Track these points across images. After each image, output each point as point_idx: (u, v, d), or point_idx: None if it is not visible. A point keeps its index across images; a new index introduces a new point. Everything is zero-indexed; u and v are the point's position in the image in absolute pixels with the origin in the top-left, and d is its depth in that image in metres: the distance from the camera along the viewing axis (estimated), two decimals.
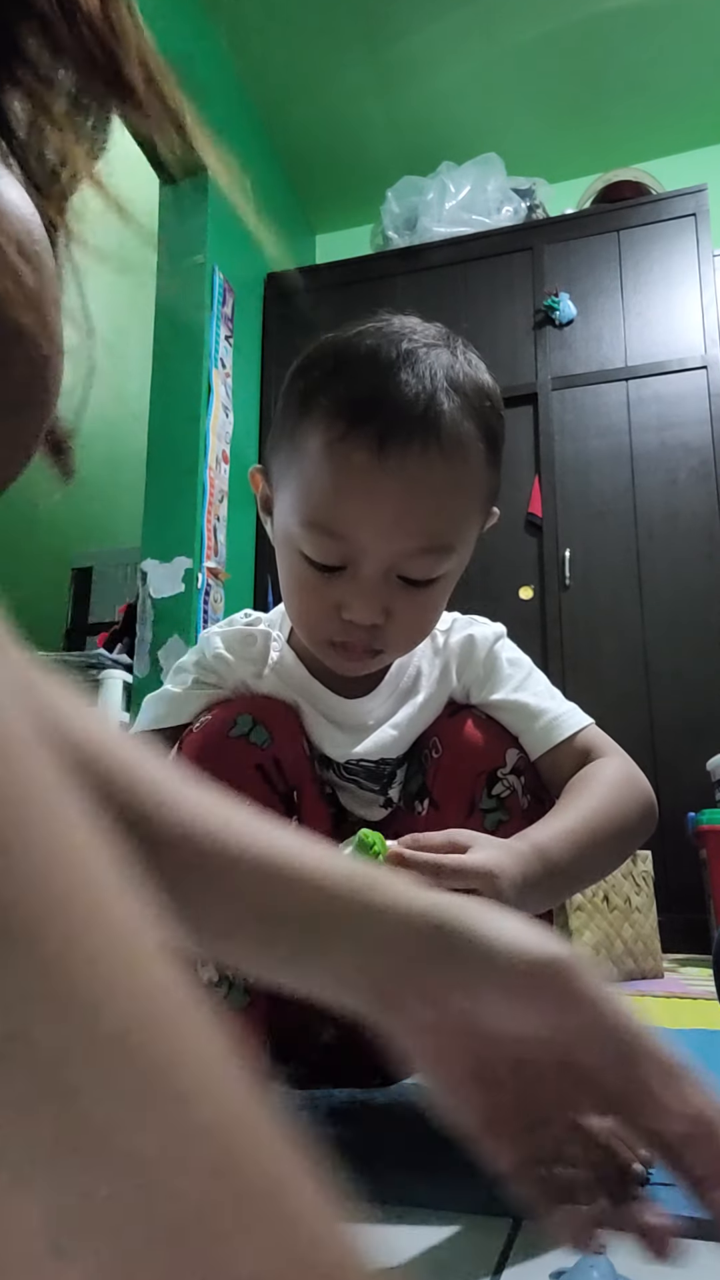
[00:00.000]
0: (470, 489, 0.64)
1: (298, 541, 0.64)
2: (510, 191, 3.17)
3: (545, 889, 0.58)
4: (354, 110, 3.25)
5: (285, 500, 0.66)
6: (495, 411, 0.66)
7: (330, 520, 0.62)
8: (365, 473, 0.60)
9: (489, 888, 0.53)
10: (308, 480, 0.63)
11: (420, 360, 0.62)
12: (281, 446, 0.67)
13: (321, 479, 0.62)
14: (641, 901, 2.03)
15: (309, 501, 0.63)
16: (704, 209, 2.85)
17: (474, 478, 0.64)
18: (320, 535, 0.62)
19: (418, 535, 0.62)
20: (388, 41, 2.98)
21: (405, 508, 0.61)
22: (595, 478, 2.78)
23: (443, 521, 0.63)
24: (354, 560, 0.63)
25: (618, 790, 0.67)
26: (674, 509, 2.68)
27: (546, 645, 2.67)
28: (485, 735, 0.73)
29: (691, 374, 2.74)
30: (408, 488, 0.60)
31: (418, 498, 0.61)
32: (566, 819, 0.64)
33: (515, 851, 0.57)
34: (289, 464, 0.65)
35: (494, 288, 3.03)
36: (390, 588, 0.64)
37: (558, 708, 0.73)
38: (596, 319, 2.90)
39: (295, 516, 0.64)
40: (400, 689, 0.76)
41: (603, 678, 2.62)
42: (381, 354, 0.62)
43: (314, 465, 0.62)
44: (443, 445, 0.61)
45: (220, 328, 2.83)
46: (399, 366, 0.61)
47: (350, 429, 0.60)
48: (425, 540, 0.62)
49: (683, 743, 2.47)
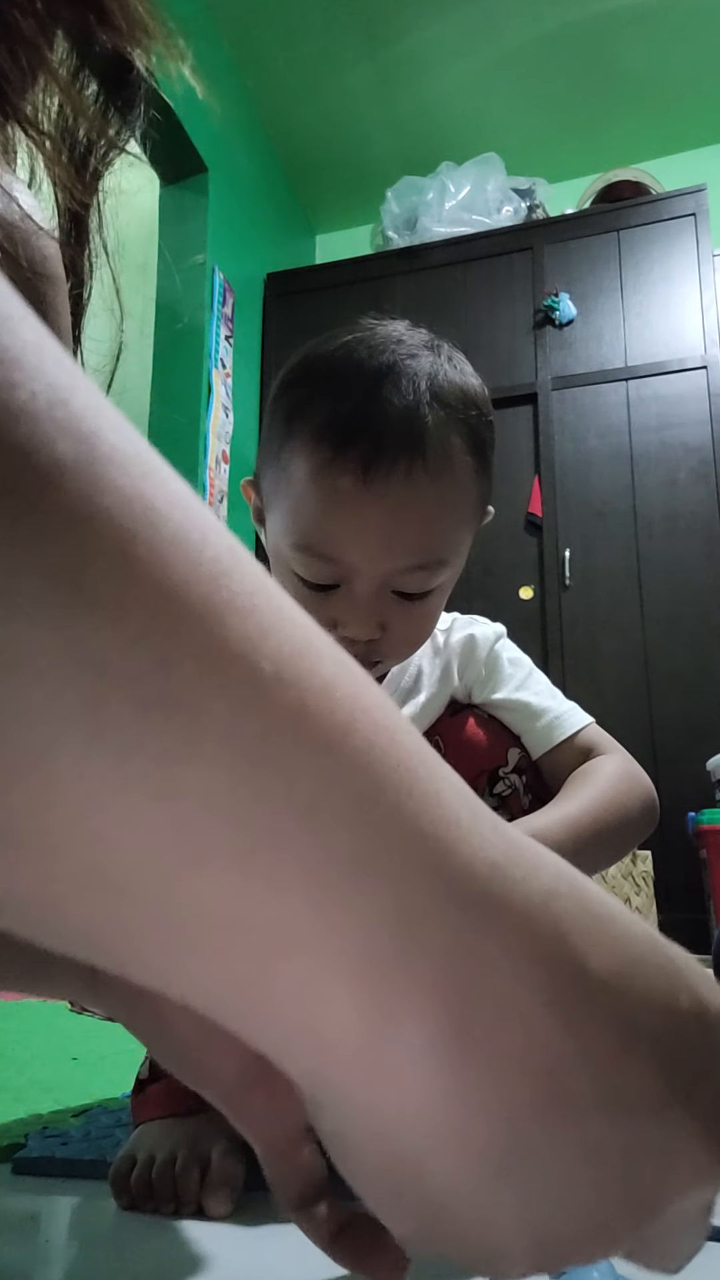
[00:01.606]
0: (459, 503, 0.64)
1: (290, 562, 0.64)
2: (510, 191, 3.17)
3: None
4: (354, 110, 3.25)
5: (276, 520, 0.65)
6: (482, 419, 0.65)
7: (320, 544, 0.62)
8: (352, 497, 0.59)
9: None
10: (295, 504, 0.63)
11: (403, 374, 0.61)
12: (269, 465, 0.66)
13: (309, 504, 0.62)
14: (641, 901, 2.03)
15: (298, 525, 0.63)
16: (704, 209, 2.85)
17: (462, 492, 0.64)
18: (311, 558, 0.62)
19: (408, 555, 0.62)
20: (388, 41, 2.98)
21: (394, 530, 0.61)
22: (595, 478, 2.78)
23: (433, 538, 0.63)
24: (347, 579, 0.63)
25: (617, 784, 0.67)
26: (674, 509, 2.68)
27: (546, 645, 2.67)
28: (487, 734, 0.73)
29: (691, 374, 2.74)
30: (395, 511, 0.60)
31: (406, 520, 0.61)
32: (564, 808, 0.64)
33: None
34: (276, 485, 0.65)
35: (494, 288, 3.03)
36: (385, 603, 0.64)
37: (559, 707, 0.73)
38: (596, 319, 2.90)
39: (286, 539, 0.64)
40: (401, 688, 0.76)
41: (603, 678, 2.62)
42: (364, 370, 0.61)
43: (300, 490, 0.62)
44: (428, 464, 0.60)
45: (220, 328, 2.83)
46: (382, 382, 0.60)
47: (335, 455, 0.59)
48: (417, 558, 0.62)
49: (683, 743, 2.47)
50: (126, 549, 0.14)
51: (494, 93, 3.19)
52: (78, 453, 0.14)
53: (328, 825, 0.15)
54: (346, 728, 0.16)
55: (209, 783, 0.15)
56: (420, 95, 3.19)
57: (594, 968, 0.18)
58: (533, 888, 0.18)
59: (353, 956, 0.16)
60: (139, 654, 0.14)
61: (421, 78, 3.12)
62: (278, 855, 0.15)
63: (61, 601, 0.14)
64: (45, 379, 0.14)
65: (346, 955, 0.16)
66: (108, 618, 0.14)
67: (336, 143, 3.38)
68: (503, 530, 2.77)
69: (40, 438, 0.14)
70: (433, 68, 3.09)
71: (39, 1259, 0.46)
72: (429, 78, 3.13)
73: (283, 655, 0.16)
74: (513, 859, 0.18)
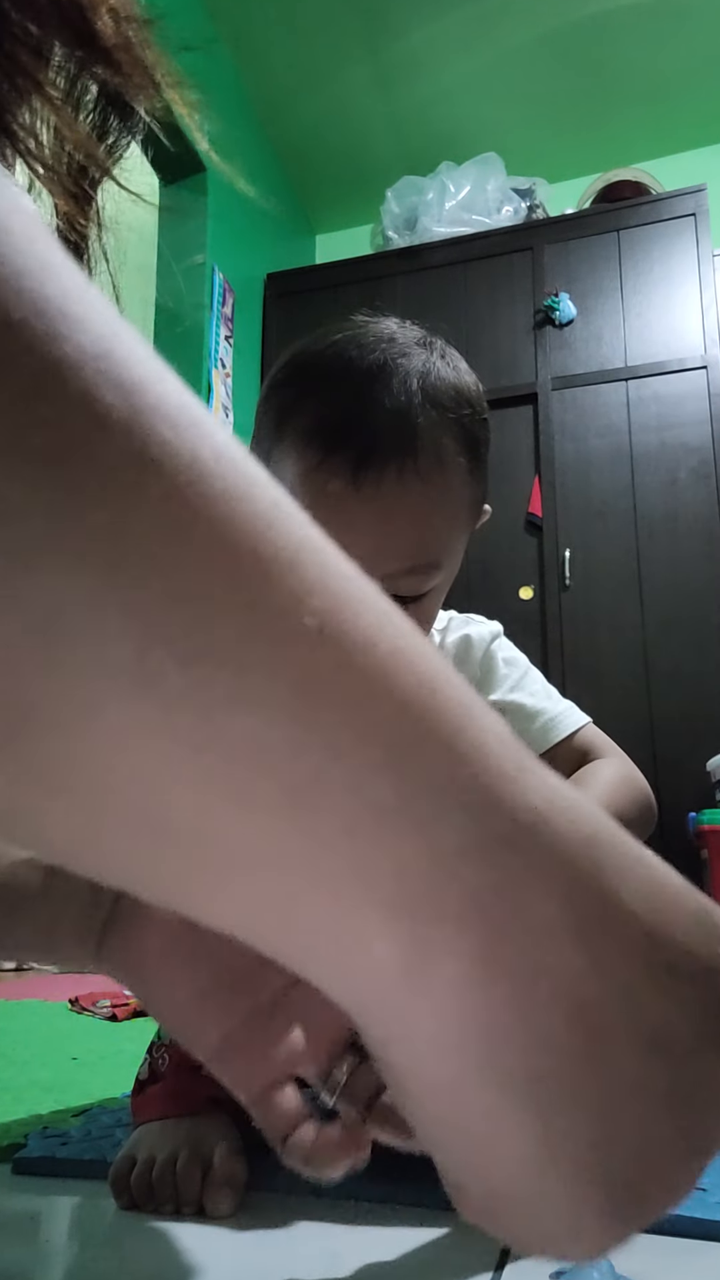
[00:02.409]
0: (452, 505, 0.63)
1: None
2: (510, 191, 3.17)
3: None
4: (354, 110, 3.25)
5: None
6: (476, 417, 0.64)
7: None
8: (341, 501, 0.58)
9: None
10: None
11: (395, 373, 0.59)
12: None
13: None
14: None
15: None
16: (704, 209, 2.85)
17: (455, 494, 0.62)
18: None
19: (401, 558, 0.60)
20: (388, 41, 2.98)
21: (385, 534, 0.59)
22: (595, 478, 2.78)
23: (426, 541, 0.61)
24: None
25: (614, 787, 0.67)
26: (674, 509, 2.68)
27: (546, 645, 2.67)
28: None
29: (691, 374, 2.74)
30: (385, 515, 0.59)
31: (397, 524, 0.59)
32: None
33: None
34: None
35: (494, 288, 3.03)
36: None
37: (554, 707, 0.73)
38: (596, 319, 2.90)
39: None
40: None
41: (603, 678, 2.61)
42: (354, 369, 0.60)
43: (290, 493, 0.61)
44: (419, 467, 0.59)
45: (220, 328, 2.83)
46: (373, 383, 0.59)
47: (324, 458, 0.58)
48: (409, 561, 0.61)
49: (683, 743, 2.47)
50: (172, 503, 0.14)
51: (494, 93, 3.18)
52: (124, 405, 0.14)
53: (365, 775, 0.16)
54: (388, 681, 0.16)
55: (251, 733, 0.15)
56: (420, 95, 3.19)
57: (629, 911, 0.18)
58: (574, 833, 0.18)
59: (388, 892, 0.17)
60: (184, 608, 0.15)
61: (421, 77, 3.12)
62: (317, 801, 0.16)
63: (107, 555, 0.14)
64: (90, 330, 0.14)
65: (382, 891, 0.17)
66: (153, 570, 0.14)
67: (336, 142, 3.38)
68: (503, 530, 2.77)
69: (86, 390, 0.14)
70: (433, 67, 3.09)
71: (39, 1259, 0.46)
72: (429, 77, 3.12)
73: (326, 610, 0.16)
74: (557, 807, 0.18)
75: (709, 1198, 0.54)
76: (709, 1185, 0.56)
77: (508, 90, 3.17)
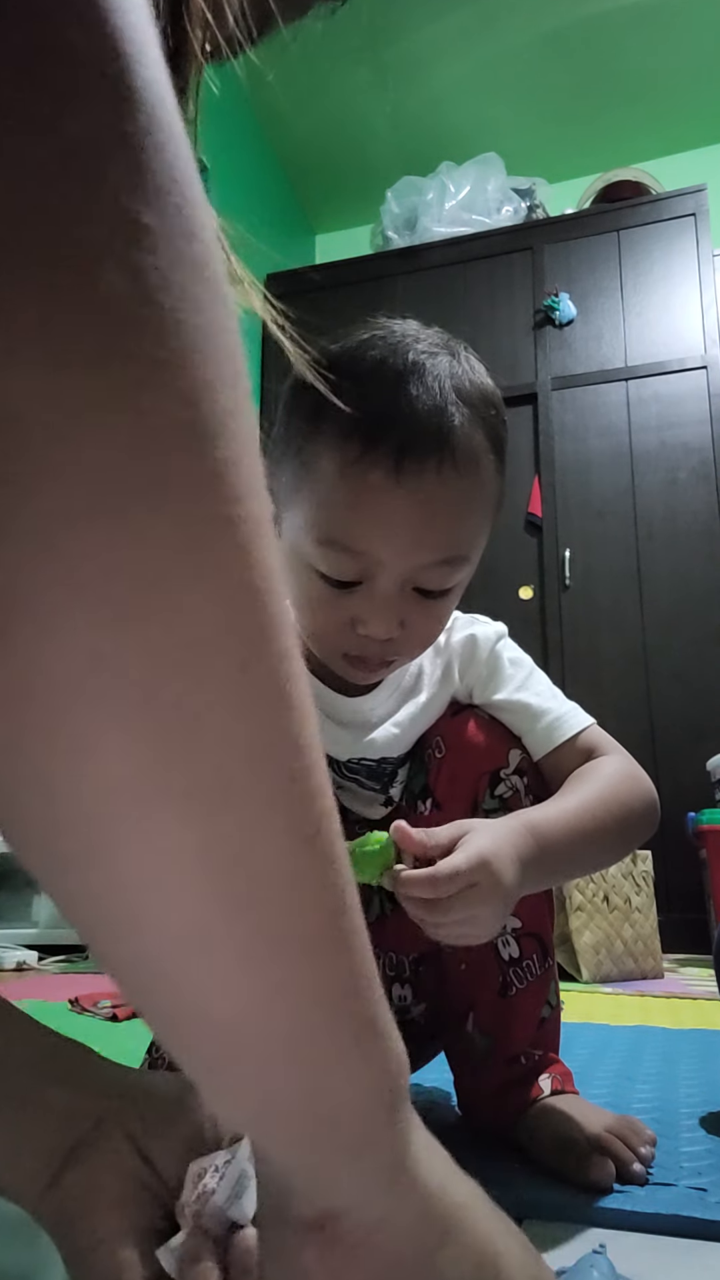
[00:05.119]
0: (483, 499, 0.65)
1: (312, 559, 0.64)
2: (510, 191, 3.17)
3: (540, 866, 0.59)
4: (354, 110, 3.25)
5: (296, 518, 0.65)
6: (500, 418, 0.67)
7: (347, 538, 0.62)
8: (383, 492, 0.60)
9: (486, 876, 0.54)
10: (321, 500, 0.63)
11: (428, 371, 0.62)
12: (287, 463, 0.66)
13: (337, 499, 0.62)
14: (641, 901, 2.04)
15: (325, 521, 0.63)
16: (704, 209, 2.85)
17: (486, 488, 0.65)
18: (337, 552, 0.62)
19: (435, 550, 0.63)
20: (388, 41, 2.98)
21: (424, 525, 0.62)
22: (595, 478, 2.78)
23: (460, 534, 0.64)
24: (370, 575, 0.63)
25: (619, 783, 0.67)
26: (674, 509, 2.68)
27: (546, 645, 2.67)
28: (488, 735, 0.73)
29: (691, 374, 2.74)
30: (425, 505, 0.61)
31: (435, 514, 0.62)
32: (564, 803, 0.65)
33: (506, 828, 0.58)
34: (299, 482, 0.65)
35: (494, 288, 3.03)
36: (405, 600, 0.64)
37: (559, 708, 0.73)
38: (596, 319, 2.90)
39: (310, 534, 0.63)
40: (402, 687, 0.76)
41: (603, 678, 2.62)
42: (388, 367, 0.62)
43: (328, 486, 0.62)
44: (456, 460, 0.61)
45: None
46: (407, 380, 0.61)
47: (365, 449, 0.60)
48: (443, 553, 0.63)
49: (683, 743, 2.47)
50: None
51: (494, 93, 3.19)
52: None
53: None
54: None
55: None
56: (420, 95, 3.19)
57: None
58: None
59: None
60: None
61: (421, 78, 3.12)
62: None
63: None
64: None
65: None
66: None
67: (336, 142, 3.38)
68: (503, 530, 2.77)
69: None
70: (433, 67, 3.09)
71: (39, 1259, 0.46)
72: (429, 78, 3.13)
73: None
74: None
75: (709, 1198, 0.54)
76: (709, 1185, 0.56)
77: (508, 90, 3.17)
